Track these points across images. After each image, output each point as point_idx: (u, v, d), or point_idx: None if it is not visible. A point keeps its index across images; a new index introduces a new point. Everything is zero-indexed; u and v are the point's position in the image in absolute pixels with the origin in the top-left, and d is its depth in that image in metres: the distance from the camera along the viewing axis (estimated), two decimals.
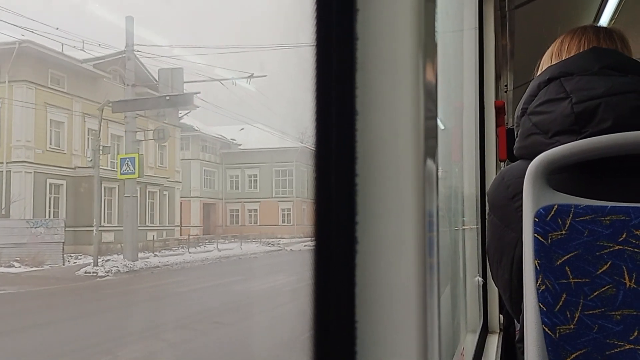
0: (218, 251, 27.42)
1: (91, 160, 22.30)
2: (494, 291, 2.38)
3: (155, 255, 23.80)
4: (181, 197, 37.88)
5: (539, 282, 1.07)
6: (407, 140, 0.47)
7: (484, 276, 2.38)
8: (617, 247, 1.04)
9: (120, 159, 22.43)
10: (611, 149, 1.08)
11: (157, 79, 24.14)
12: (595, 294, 1.05)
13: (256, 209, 43.85)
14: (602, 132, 1.10)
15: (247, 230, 39.87)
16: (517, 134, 1.30)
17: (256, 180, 44.05)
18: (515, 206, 1.21)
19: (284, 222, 43.21)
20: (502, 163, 2.41)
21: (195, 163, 41.14)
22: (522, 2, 2.76)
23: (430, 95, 0.50)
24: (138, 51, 24.67)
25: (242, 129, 41.67)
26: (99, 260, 19.47)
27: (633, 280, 1.03)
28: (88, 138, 26.52)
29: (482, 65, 2.46)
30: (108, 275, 17.98)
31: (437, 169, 0.52)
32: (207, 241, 32.52)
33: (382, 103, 0.47)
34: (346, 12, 0.46)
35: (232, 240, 33.82)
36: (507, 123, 2.74)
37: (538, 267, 1.07)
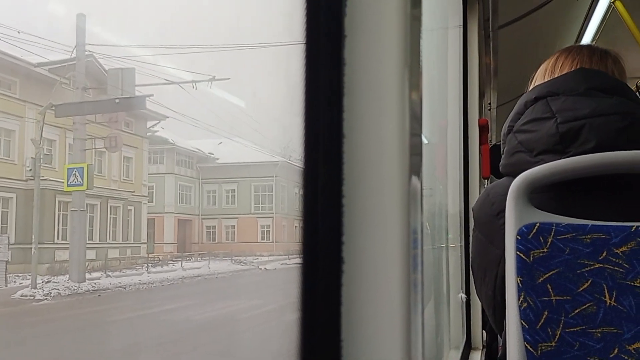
0: (182, 270, 25.27)
1: (31, 169, 19.99)
2: (477, 308, 2.39)
3: (108, 276, 21.42)
4: (154, 213, 36.11)
5: (521, 299, 1.08)
6: (393, 158, 0.48)
7: (468, 293, 2.39)
8: (597, 266, 1.05)
9: (67, 169, 20.22)
10: (592, 169, 1.09)
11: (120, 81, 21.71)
12: (576, 311, 1.06)
13: (234, 225, 42.31)
14: (586, 153, 1.11)
15: (223, 247, 38.33)
16: (503, 150, 1.31)
17: (234, 195, 42.64)
18: (500, 223, 1.22)
19: (263, 239, 41.75)
20: (486, 180, 2.43)
21: (169, 177, 39.66)
22: (505, 23, 2.81)
23: (415, 113, 0.51)
24: (90, 51, 22.54)
25: (221, 142, 40.34)
26: (39, 281, 17.39)
27: (613, 299, 1.05)
28: (43, 148, 23.87)
29: (466, 83, 2.49)
30: (46, 299, 15.93)
31: (421, 186, 0.53)
32: (172, 260, 30.42)
33: (369, 126, 0.48)
34: (334, 38, 0.47)
35: (200, 259, 31.73)
36: (490, 141, 2.77)
37: (520, 285, 1.08)
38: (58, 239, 24.92)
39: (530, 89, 1.36)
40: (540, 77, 1.41)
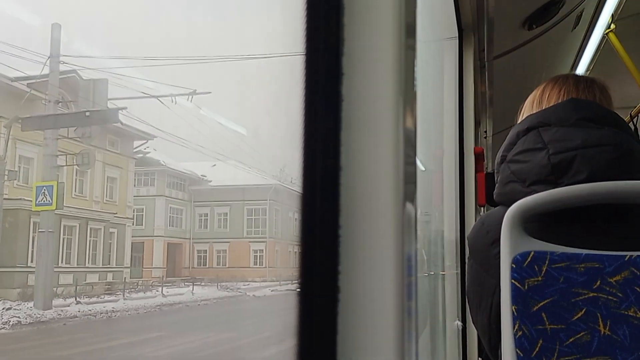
0: (163, 297, 24.17)
1: None
2: (473, 335, 2.38)
3: (78, 302, 20.09)
4: (143, 236, 35.11)
5: (516, 327, 1.08)
6: (388, 187, 0.49)
7: (464, 320, 2.38)
8: (591, 294, 1.06)
9: (36, 187, 18.69)
10: (585, 198, 1.10)
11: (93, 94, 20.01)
12: (571, 340, 1.06)
13: (225, 250, 41.27)
14: (578, 184, 1.13)
15: (214, 273, 37.27)
16: (497, 179, 1.32)
17: (226, 219, 41.69)
18: (495, 252, 1.22)
19: (255, 264, 40.81)
20: (482, 208, 2.44)
21: (160, 200, 38.68)
22: (500, 53, 2.85)
23: (410, 141, 0.52)
24: (64, 62, 20.87)
25: (214, 165, 39.64)
26: None
27: (607, 328, 1.05)
28: (19, 166, 22.76)
29: (462, 112, 2.52)
30: (4, 328, 14.85)
31: (415, 212, 0.54)
32: (154, 285, 28.99)
33: (365, 159, 0.50)
34: (332, 76, 0.49)
35: (182, 285, 30.57)
36: (486, 168, 2.79)
37: (515, 313, 1.08)
38: (32, 262, 22.83)
39: (519, 120, 1.38)
40: (529, 108, 1.42)
